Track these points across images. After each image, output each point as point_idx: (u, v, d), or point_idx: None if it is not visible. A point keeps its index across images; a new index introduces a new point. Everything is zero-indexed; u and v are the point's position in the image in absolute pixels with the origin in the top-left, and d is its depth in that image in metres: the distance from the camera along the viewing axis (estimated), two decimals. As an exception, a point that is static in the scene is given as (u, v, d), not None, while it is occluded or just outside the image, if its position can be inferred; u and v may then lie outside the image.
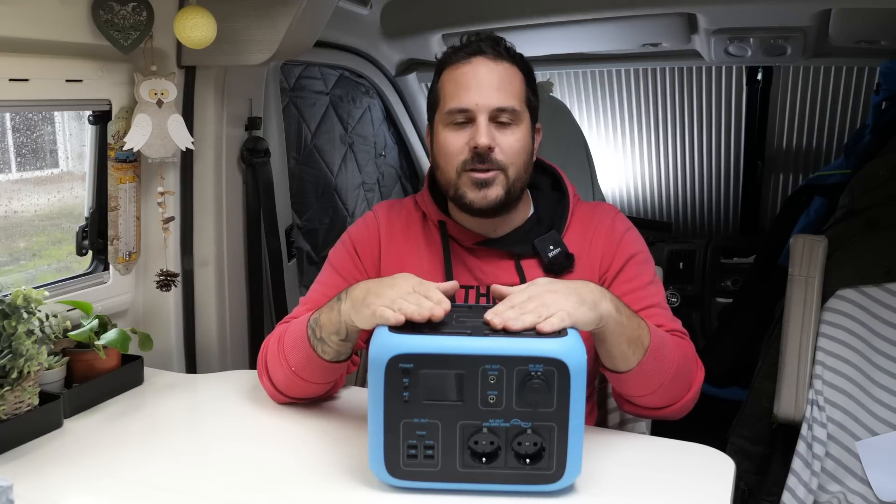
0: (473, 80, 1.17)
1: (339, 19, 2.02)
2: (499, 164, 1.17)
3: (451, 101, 1.18)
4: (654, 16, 2.14)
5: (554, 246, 1.23)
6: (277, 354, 1.17)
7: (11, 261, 1.56)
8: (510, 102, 1.17)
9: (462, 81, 1.18)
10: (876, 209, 1.71)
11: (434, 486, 0.94)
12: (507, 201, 1.20)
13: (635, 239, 1.28)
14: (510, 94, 1.18)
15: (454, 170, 1.19)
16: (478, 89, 1.17)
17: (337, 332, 1.07)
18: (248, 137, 1.67)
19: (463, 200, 1.20)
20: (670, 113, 2.84)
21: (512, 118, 1.18)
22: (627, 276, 1.23)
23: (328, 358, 1.11)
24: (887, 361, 1.58)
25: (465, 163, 1.18)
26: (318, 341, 1.10)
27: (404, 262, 1.28)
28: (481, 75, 1.18)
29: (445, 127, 1.20)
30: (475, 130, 1.16)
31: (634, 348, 1.05)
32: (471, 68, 1.19)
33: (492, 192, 1.17)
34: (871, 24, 2.02)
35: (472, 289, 1.25)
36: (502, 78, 1.18)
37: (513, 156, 1.18)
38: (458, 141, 1.18)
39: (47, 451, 1.10)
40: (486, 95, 1.16)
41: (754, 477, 1.73)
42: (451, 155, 1.19)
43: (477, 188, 1.17)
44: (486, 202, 1.18)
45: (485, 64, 1.19)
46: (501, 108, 1.17)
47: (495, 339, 0.90)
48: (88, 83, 1.36)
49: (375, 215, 1.33)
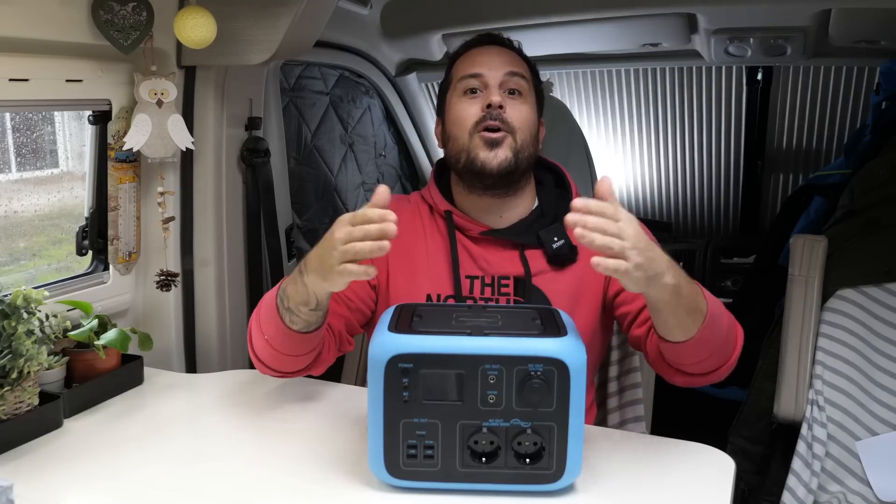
0: (486, 56, 1.28)
1: (339, 19, 2.02)
2: (509, 126, 1.22)
3: (466, 69, 1.27)
4: (654, 16, 2.14)
5: (558, 237, 1.25)
6: (256, 325, 1.16)
7: (11, 261, 1.56)
8: (520, 69, 1.27)
9: (475, 58, 1.28)
10: (876, 209, 1.71)
11: (434, 486, 0.94)
12: (514, 168, 1.23)
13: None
14: (519, 66, 1.28)
15: (467, 133, 1.24)
16: (490, 61, 1.27)
17: (306, 302, 1.05)
18: (248, 137, 1.67)
19: (474, 163, 1.23)
20: (670, 113, 2.84)
21: (521, 88, 1.26)
22: None
23: (297, 328, 1.09)
24: (887, 361, 1.58)
25: (477, 123, 1.23)
26: (287, 311, 1.08)
27: (410, 252, 1.29)
28: (495, 52, 1.29)
29: (459, 97, 1.27)
30: (488, 92, 1.24)
31: (694, 317, 1.02)
32: (483, 49, 1.30)
33: (501, 153, 1.22)
34: (871, 24, 2.02)
35: (477, 279, 1.26)
36: (512, 58, 1.29)
37: (521, 121, 1.24)
38: (472, 108, 1.25)
39: (47, 451, 1.10)
40: (498, 65, 1.26)
41: (754, 477, 1.73)
42: (463, 120, 1.25)
43: (488, 147, 1.22)
44: (496, 161, 1.21)
45: (496, 47, 1.30)
46: (513, 71, 1.25)
47: (495, 339, 0.90)
48: (88, 83, 1.36)
49: None
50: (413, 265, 1.28)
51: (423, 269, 1.27)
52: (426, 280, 1.26)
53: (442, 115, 1.32)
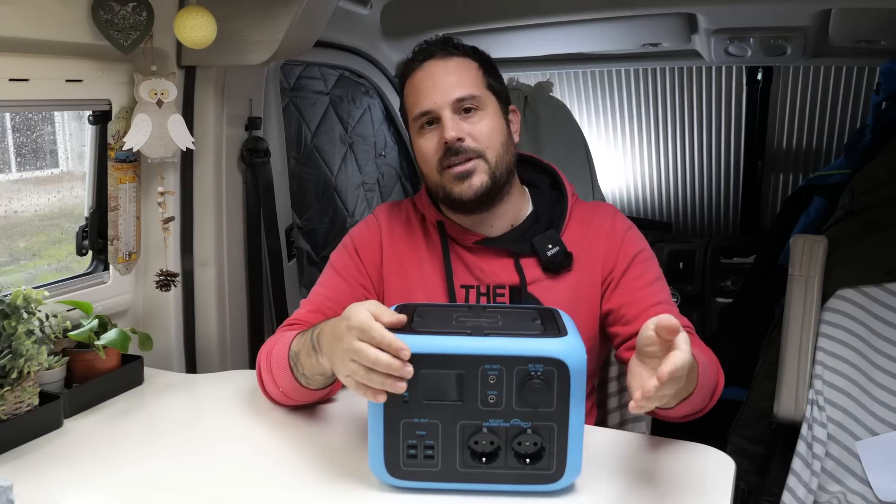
0: (429, 82, 1.21)
1: (339, 19, 2.02)
2: (475, 152, 1.19)
3: (415, 107, 1.22)
4: (654, 16, 2.14)
5: (552, 245, 1.23)
6: (268, 371, 1.17)
7: (11, 261, 1.56)
8: (467, 91, 1.20)
9: (419, 87, 1.22)
10: (876, 209, 1.71)
11: (434, 486, 0.94)
12: (494, 188, 1.21)
13: (637, 237, 1.28)
14: (466, 84, 1.21)
15: (434, 171, 1.21)
16: (434, 89, 1.20)
17: (322, 373, 1.06)
18: (248, 137, 1.67)
19: (451, 197, 1.21)
20: (670, 113, 2.84)
21: (475, 104, 1.20)
22: (634, 274, 1.23)
23: (314, 387, 1.11)
24: (887, 361, 1.58)
25: (440, 160, 1.20)
26: (302, 376, 1.09)
27: (405, 264, 1.28)
28: (435, 75, 1.21)
29: (418, 134, 1.24)
30: (442, 126, 1.19)
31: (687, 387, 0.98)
32: (424, 72, 1.23)
33: (475, 181, 1.19)
34: (871, 24, 2.02)
35: (472, 288, 1.25)
36: (455, 71, 1.22)
37: (486, 140, 1.20)
38: (431, 143, 1.21)
39: (47, 451, 1.10)
40: (443, 92, 1.19)
41: (754, 477, 1.73)
42: (428, 157, 1.22)
43: (459, 181, 1.19)
44: (471, 191, 1.19)
45: (436, 64, 1.23)
46: (460, 98, 1.19)
47: (495, 339, 0.90)
48: (88, 83, 1.36)
49: (377, 218, 1.33)
50: (407, 275, 1.27)
51: (417, 279, 1.27)
52: (420, 290, 1.26)
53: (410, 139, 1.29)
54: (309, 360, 1.05)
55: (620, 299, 1.22)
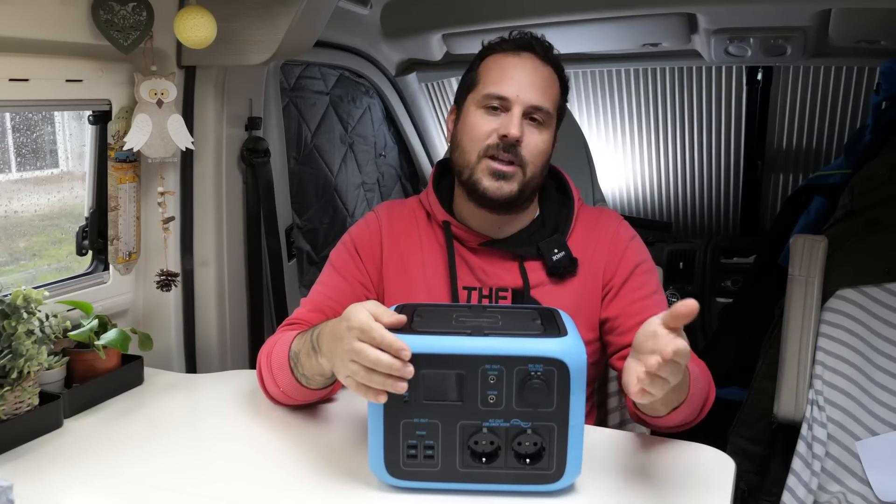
0: (519, 73, 1.20)
1: (339, 19, 2.02)
2: (521, 160, 1.18)
3: (493, 85, 1.20)
4: (654, 16, 2.14)
5: (558, 249, 1.23)
6: (268, 371, 1.17)
7: (11, 261, 1.56)
8: (547, 104, 1.20)
9: (507, 70, 1.20)
10: (876, 209, 1.71)
11: (434, 486, 0.94)
12: (519, 200, 1.21)
13: (640, 247, 1.28)
14: (548, 97, 1.21)
15: (476, 153, 1.19)
16: (521, 82, 1.19)
17: (321, 374, 1.06)
18: (248, 137, 1.67)
19: (477, 186, 1.19)
20: (670, 113, 2.84)
21: (543, 118, 1.20)
22: (634, 285, 1.23)
23: (315, 387, 1.11)
24: (887, 361, 1.58)
25: (489, 148, 1.18)
26: (302, 376, 1.10)
27: (406, 262, 1.28)
28: (527, 70, 1.20)
29: (479, 108, 1.21)
30: (508, 119, 1.18)
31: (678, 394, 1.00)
32: (519, 61, 1.21)
33: (507, 186, 1.18)
34: (871, 24, 2.02)
35: (474, 290, 1.25)
36: (545, 80, 1.21)
37: (536, 155, 1.19)
38: (488, 125, 1.19)
39: (47, 451, 1.10)
40: (528, 91, 1.18)
41: (754, 477, 1.73)
42: (477, 138, 1.19)
43: (494, 178, 1.18)
44: (500, 194, 1.18)
45: (532, 61, 1.21)
46: (538, 106, 1.19)
47: (495, 339, 0.90)
48: (88, 83, 1.36)
49: (377, 216, 1.33)
50: (409, 275, 1.27)
51: (418, 278, 1.26)
52: (422, 290, 1.25)
53: (459, 108, 1.26)
54: (309, 360, 1.05)
55: (617, 309, 1.23)
